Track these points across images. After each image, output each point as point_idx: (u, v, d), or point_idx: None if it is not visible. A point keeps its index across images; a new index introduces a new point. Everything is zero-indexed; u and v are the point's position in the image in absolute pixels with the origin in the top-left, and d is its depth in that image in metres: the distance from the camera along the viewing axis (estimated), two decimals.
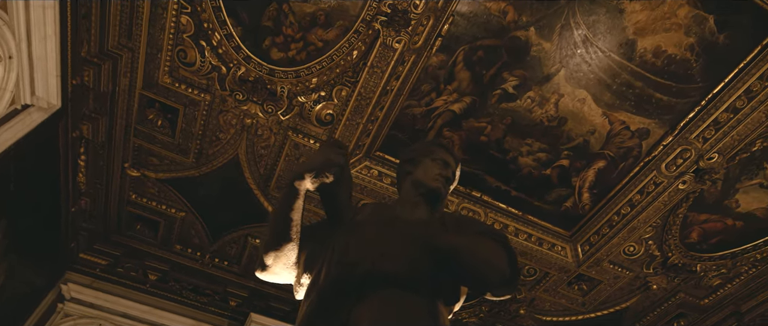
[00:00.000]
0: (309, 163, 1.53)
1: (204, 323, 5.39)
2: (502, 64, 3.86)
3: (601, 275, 5.30)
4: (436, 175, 1.73)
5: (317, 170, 1.49)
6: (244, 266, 5.66)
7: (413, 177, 1.77)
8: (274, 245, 1.53)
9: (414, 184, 1.76)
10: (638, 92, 3.92)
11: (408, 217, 1.64)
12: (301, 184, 1.50)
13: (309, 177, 1.49)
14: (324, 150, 1.59)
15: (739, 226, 4.75)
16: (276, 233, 1.53)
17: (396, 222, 1.60)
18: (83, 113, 4.12)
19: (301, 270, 1.58)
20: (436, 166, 1.76)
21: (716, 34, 3.54)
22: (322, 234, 1.61)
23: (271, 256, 1.54)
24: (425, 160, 1.80)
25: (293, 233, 1.52)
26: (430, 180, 1.72)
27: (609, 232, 4.83)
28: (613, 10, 3.48)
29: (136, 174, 4.74)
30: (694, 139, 4.08)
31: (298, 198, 1.52)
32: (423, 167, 1.77)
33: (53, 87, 3.44)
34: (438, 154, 1.81)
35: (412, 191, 1.75)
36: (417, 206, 1.70)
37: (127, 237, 5.43)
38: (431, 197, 1.73)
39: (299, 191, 1.51)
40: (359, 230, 1.56)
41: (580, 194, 4.72)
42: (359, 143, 4.34)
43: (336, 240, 1.53)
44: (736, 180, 4.36)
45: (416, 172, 1.78)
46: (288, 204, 1.52)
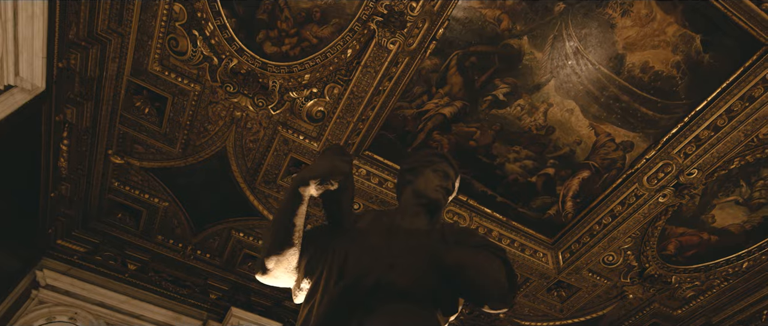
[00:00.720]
0: (314, 170, 1.53)
1: (183, 315, 5.31)
2: (494, 71, 3.91)
3: (580, 283, 5.41)
4: (436, 186, 1.76)
5: (322, 177, 1.49)
6: (226, 259, 5.61)
7: (414, 187, 1.80)
8: (276, 249, 1.53)
9: (415, 194, 1.78)
10: (625, 106, 4.00)
11: (408, 226, 1.67)
12: (306, 190, 1.51)
13: (314, 183, 1.49)
14: (329, 157, 1.60)
15: (714, 241, 4.90)
16: (278, 237, 1.53)
17: (398, 232, 1.62)
18: (68, 97, 4.03)
19: (302, 275, 1.59)
20: (437, 177, 1.79)
21: (702, 54, 3.64)
22: (322, 240, 1.62)
23: (272, 260, 1.54)
24: (426, 170, 1.82)
25: (296, 238, 1.52)
26: (431, 191, 1.75)
27: (590, 241, 4.92)
28: (604, 25, 3.55)
29: (120, 162, 4.66)
30: (675, 154, 4.19)
31: (302, 204, 1.52)
32: (424, 177, 1.79)
33: (38, 68, 3.36)
34: (439, 165, 1.84)
35: (412, 200, 1.78)
36: (417, 215, 1.73)
37: (107, 225, 5.33)
38: (431, 207, 1.76)
39: (303, 197, 1.52)
40: (360, 238, 1.58)
41: (564, 202, 4.80)
42: (349, 142, 4.34)
43: (336, 247, 1.55)
44: (713, 196, 4.49)
45: (417, 182, 1.80)
46: (292, 209, 1.52)
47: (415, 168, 1.86)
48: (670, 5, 3.40)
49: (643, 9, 3.46)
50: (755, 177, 4.31)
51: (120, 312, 5.09)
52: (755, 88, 3.68)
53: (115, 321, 5.06)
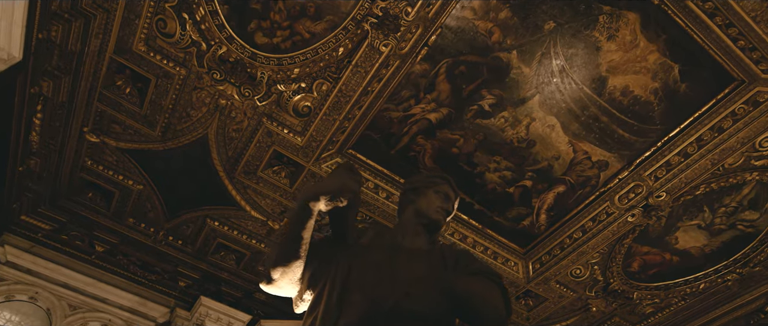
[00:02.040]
0: (325, 186, 1.57)
1: (149, 301, 5.21)
2: (482, 82, 3.98)
3: (548, 293, 5.57)
4: (437, 208, 1.83)
5: (333, 194, 1.54)
6: (198, 247, 5.52)
7: (416, 207, 1.86)
8: (282, 261, 1.57)
9: (417, 213, 1.84)
10: (603, 126, 4.14)
11: (409, 245, 1.72)
12: (316, 205, 1.55)
13: (324, 199, 1.54)
14: (340, 174, 1.64)
15: (675, 261, 5.13)
16: (286, 249, 1.57)
17: (399, 251, 1.67)
18: (45, 69, 3.89)
19: (305, 286, 1.63)
20: (438, 199, 1.86)
21: (679, 83, 3.80)
22: (325, 253, 1.66)
23: (278, 271, 1.58)
24: (429, 191, 1.88)
25: (302, 251, 1.57)
26: (433, 212, 1.82)
27: (560, 254, 5.08)
28: (591, 47, 3.67)
29: (95, 140, 4.52)
30: (647, 176, 4.36)
31: (310, 218, 1.57)
32: (426, 198, 1.86)
33: (16, 38, 3.23)
34: (441, 187, 1.90)
35: (413, 219, 1.84)
36: (418, 234, 1.79)
37: (76, 203, 5.16)
38: (431, 227, 1.83)
39: (313, 211, 1.56)
40: (363, 254, 1.63)
41: (538, 214, 4.93)
42: (333, 139, 4.34)
43: (340, 262, 1.59)
44: (678, 218, 4.70)
45: (419, 202, 1.86)
46: (300, 222, 1.56)
47: (418, 188, 1.92)
48: (653, 34, 3.54)
49: (628, 35, 3.58)
50: (718, 204, 4.54)
51: (84, 294, 4.95)
52: (725, 119, 3.87)
53: (78, 303, 4.91)
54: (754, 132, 3.87)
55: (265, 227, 5.22)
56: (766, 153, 4.02)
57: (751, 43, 3.37)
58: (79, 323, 4.84)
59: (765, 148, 3.97)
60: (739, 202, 4.50)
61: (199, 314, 5.08)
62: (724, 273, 5.12)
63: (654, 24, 3.48)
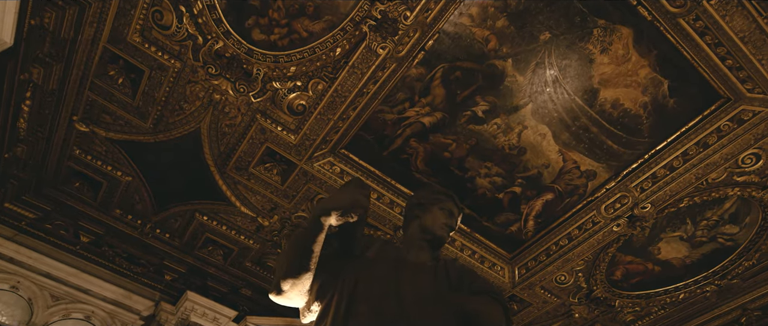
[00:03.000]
0: (336, 201, 1.62)
1: (134, 294, 5.15)
2: (476, 88, 4.02)
3: (532, 298, 5.65)
4: (442, 224, 1.89)
5: (344, 210, 1.59)
6: (186, 241, 5.48)
7: (421, 222, 1.91)
8: (293, 273, 1.60)
9: (422, 229, 1.90)
10: (593, 137, 4.22)
11: (414, 260, 1.78)
12: (327, 220, 1.60)
13: (335, 215, 1.59)
14: (351, 190, 1.68)
15: (657, 271, 5.25)
16: (296, 262, 1.61)
17: (405, 266, 1.71)
18: (36, 56, 3.83)
19: (312, 298, 1.67)
20: (443, 215, 1.92)
21: (667, 98, 3.89)
22: (333, 266, 1.70)
23: (288, 282, 1.61)
24: (434, 207, 1.94)
25: (312, 264, 1.61)
26: (438, 229, 1.88)
27: (545, 260, 5.16)
28: (584, 59, 3.73)
29: (85, 130, 4.46)
30: (633, 187, 4.45)
31: (321, 232, 1.61)
32: (431, 215, 1.91)
33: (9, 24, 3.18)
34: (446, 203, 1.96)
35: (418, 234, 1.90)
36: (422, 249, 1.85)
37: (62, 192, 5.08)
38: (435, 243, 1.88)
39: (324, 226, 1.60)
40: (369, 268, 1.67)
41: (526, 221, 5.00)
42: (327, 138, 4.34)
43: (347, 275, 1.64)
44: (661, 230, 4.81)
45: (424, 218, 1.92)
46: (312, 236, 1.60)
47: (423, 204, 1.97)
48: (645, 49, 3.62)
49: (620, 49, 3.66)
50: (700, 217, 4.65)
51: (67, 285, 4.88)
52: (710, 135, 3.97)
53: (61, 294, 4.84)
54: (738, 149, 3.98)
55: (255, 223, 5.20)
56: (748, 169, 4.13)
57: (738, 62, 3.47)
58: (62, 314, 4.78)
59: (747, 164, 4.08)
60: (721, 216, 4.62)
61: (185, 308, 5.04)
62: (704, 284, 5.25)
63: (646, 39, 3.56)
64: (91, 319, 4.90)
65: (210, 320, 5.14)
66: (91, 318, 4.90)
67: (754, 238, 4.74)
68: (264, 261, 5.71)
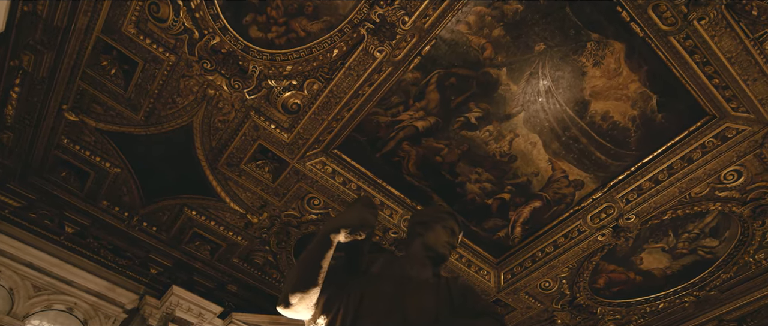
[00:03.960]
0: (346, 219, 1.69)
1: (118, 287, 5.10)
2: (470, 95, 4.07)
3: (516, 303, 5.73)
4: (444, 243, 1.97)
5: (353, 228, 1.67)
6: (173, 235, 5.43)
7: (425, 240, 1.98)
8: (302, 287, 1.66)
9: (425, 246, 1.97)
10: (582, 147, 4.30)
11: (417, 276, 1.84)
12: (336, 237, 1.67)
13: (344, 232, 1.67)
14: (359, 209, 1.75)
15: (639, 281, 5.37)
16: (305, 277, 1.66)
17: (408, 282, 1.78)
18: (28, 43, 3.77)
19: (319, 311, 1.72)
20: (445, 234, 1.99)
21: (655, 113, 3.98)
22: (339, 280, 1.76)
23: (297, 296, 1.66)
24: (437, 226, 2.01)
25: (320, 279, 1.67)
26: (440, 247, 1.95)
27: (531, 266, 5.24)
28: (577, 71, 3.80)
29: (74, 119, 4.40)
30: (619, 198, 4.55)
31: (330, 249, 1.67)
32: (434, 233, 1.98)
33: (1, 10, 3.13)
34: (448, 222, 2.03)
35: (421, 252, 1.96)
36: (424, 266, 1.91)
37: (48, 182, 5.00)
38: (438, 260, 1.96)
39: (333, 243, 1.68)
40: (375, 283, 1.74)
41: (514, 227, 5.07)
42: (320, 138, 4.35)
43: (352, 290, 1.70)
44: (644, 241, 4.92)
45: (427, 236, 1.98)
46: (321, 253, 1.67)
47: (426, 222, 2.04)
48: (636, 65, 3.70)
49: (612, 63, 3.73)
50: (682, 229, 4.77)
51: (50, 276, 4.80)
52: (695, 151, 4.07)
53: (43, 285, 4.77)
54: (721, 165, 4.09)
55: (244, 220, 5.19)
56: (729, 185, 4.25)
57: (724, 81, 3.57)
58: (43, 305, 4.71)
59: (729, 180, 4.20)
60: (702, 229, 4.75)
61: (170, 303, 5.01)
62: (682, 294, 5.38)
63: (637, 55, 3.64)
64: (74, 311, 4.84)
65: (195, 315, 5.11)
66: (74, 310, 4.83)
67: (733, 252, 4.88)
68: (252, 258, 5.69)
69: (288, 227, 5.23)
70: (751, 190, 4.28)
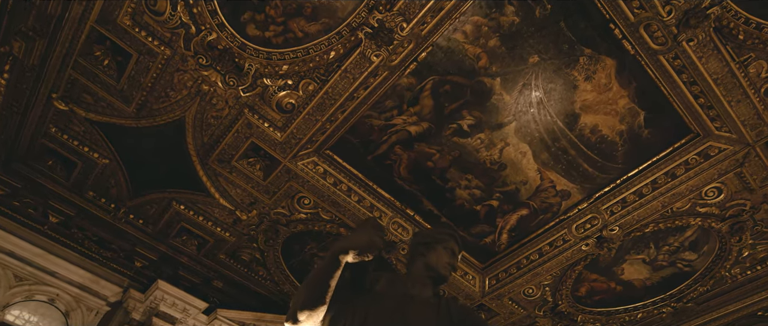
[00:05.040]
0: (354, 241, 1.77)
1: (102, 279, 5.04)
2: (464, 102, 4.12)
3: (500, 308, 5.82)
4: (446, 264, 2.03)
5: (361, 250, 1.74)
6: (160, 229, 5.39)
7: (426, 260, 2.04)
8: (310, 305, 1.73)
9: (426, 266, 2.03)
10: (570, 159, 4.39)
11: (418, 295, 1.92)
12: (344, 258, 1.74)
13: (353, 253, 1.74)
14: (368, 231, 1.81)
15: (619, 290, 5.49)
16: (313, 295, 1.73)
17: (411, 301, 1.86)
18: (19, 29, 3.71)
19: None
20: (446, 255, 2.05)
21: (643, 128, 4.09)
22: (345, 298, 1.82)
23: (305, 313, 1.73)
24: (438, 247, 2.06)
25: (328, 297, 1.74)
26: (441, 268, 2.02)
27: (516, 273, 5.32)
28: (569, 84, 3.88)
29: (63, 108, 4.34)
30: (604, 210, 4.65)
31: (339, 269, 1.74)
32: (436, 254, 2.04)
33: None
34: (449, 243, 2.09)
35: (423, 272, 2.03)
36: (425, 285, 1.99)
37: (33, 170, 4.92)
38: (438, 280, 2.03)
39: (341, 263, 1.74)
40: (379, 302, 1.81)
41: (500, 234, 5.15)
42: (313, 138, 4.36)
43: (357, 307, 1.78)
44: (626, 252, 5.04)
45: (429, 256, 2.05)
46: (330, 272, 1.74)
47: (428, 243, 2.10)
48: (626, 81, 3.79)
49: (603, 79, 3.82)
50: (663, 242, 4.90)
51: (32, 266, 4.73)
52: (678, 167, 4.19)
53: (25, 275, 4.69)
54: (702, 182, 4.21)
55: (232, 216, 5.17)
56: (710, 201, 4.38)
57: (709, 101, 3.68)
58: (24, 295, 4.64)
59: (709, 197, 4.33)
60: (681, 243, 4.88)
61: (155, 297, 4.97)
62: (661, 305, 5.53)
63: (628, 72, 3.73)
64: (55, 302, 4.77)
65: (179, 310, 5.08)
66: (56, 301, 4.77)
67: (710, 266, 5.02)
68: (239, 255, 5.67)
69: (277, 225, 5.23)
70: (730, 207, 4.41)
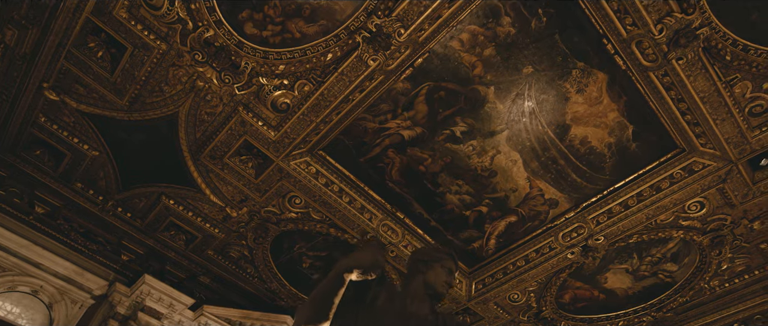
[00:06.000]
0: (359, 260, 1.84)
1: (87, 272, 4.98)
2: (457, 109, 4.17)
3: (485, 312, 5.89)
4: (443, 282, 2.14)
5: (365, 269, 1.81)
6: (148, 223, 5.35)
7: (425, 278, 2.14)
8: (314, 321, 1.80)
9: (426, 285, 2.13)
10: (559, 168, 4.47)
11: (416, 312, 2.01)
12: (349, 276, 1.82)
13: (357, 272, 1.81)
14: (372, 251, 1.88)
15: (602, 298, 5.60)
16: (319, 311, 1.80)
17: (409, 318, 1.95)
18: (12, 17, 3.66)
19: None
20: (444, 274, 2.15)
21: (630, 142, 4.18)
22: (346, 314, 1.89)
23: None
24: (436, 265, 2.16)
25: (331, 314, 1.81)
26: (439, 286, 2.12)
27: (502, 278, 5.40)
28: (561, 96, 3.95)
29: (54, 98, 4.29)
30: (590, 219, 4.74)
31: (343, 287, 1.81)
32: (434, 272, 2.15)
33: None
34: (447, 262, 2.19)
35: (422, 289, 2.13)
36: (423, 302, 2.08)
37: (20, 159, 4.85)
38: (436, 298, 2.12)
39: (346, 281, 1.82)
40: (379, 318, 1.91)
41: (488, 239, 5.22)
42: (306, 139, 4.37)
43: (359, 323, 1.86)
44: (610, 261, 5.15)
45: (428, 274, 2.15)
46: (334, 290, 1.81)
47: (427, 261, 2.19)
48: (616, 95, 3.88)
49: (594, 92, 3.90)
50: (646, 253, 5.01)
51: (16, 256, 4.66)
52: (663, 181, 4.29)
53: (8, 265, 4.62)
54: (686, 196, 4.32)
55: (222, 213, 5.16)
56: (692, 215, 4.50)
57: (695, 118, 3.78)
58: (7, 286, 4.57)
59: (692, 211, 4.45)
60: (664, 254, 5.00)
61: (141, 292, 4.93)
62: (642, 314, 5.65)
63: (618, 86, 3.82)
64: (39, 294, 4.71)
65: (166, 306, 5.05)
66: (39, 292, 4.71)
67: (690, 278, 5.15)
68: (227, 251, 5.66)
69: (267, 223, 5.23)
70: (711, 221, 4.53)
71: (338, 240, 5.28)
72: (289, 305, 6.25)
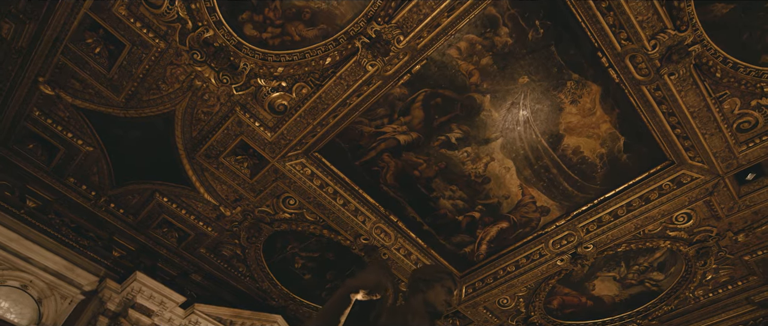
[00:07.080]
0: (365, 281, 1.94)
1: (78, 268, 4.95)
2: (453, 116, 4.22)
3: (475, 316, 5.95)
4: (443, 301, 2.23)
5: (371, 290, 1.91)
6: (141, 219, 5.33)
7: (426, 297, 2.23)
8: None
9: (426, 303, 2.22)
10: (552, 177, 4.54)
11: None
12: (355, 296, 1.91)
13: (363, 292, 1.91)
14: (377, 272, 2.00)
15: (590, 305, 5.69)
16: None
17: None
18: (9, 11, 3.64)
19: None
20: (443, 293, 2.24)
21: (622, 153, 4.26)
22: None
23: None
24: (437, 285, 2.25)
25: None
26: (439, 305, 2.21)
27: (492, 283, 5.46)
28: (555, 106, 4.02)
29: (49, 93, 4.26)
30: (580, 227, 4.82)
31: (349, 306, 1.91)
32: (435, 291, 2.23)
33: None
34: (447, 282, 2.28)
35: (422, 308, 2.21)
36: (423, 319, 2.17)
37: (12, 152, 4.81)
38: (435, 316, 2.20)
39: (352, 301, 1.91)
40: None
41: (480, 244, 5.28)
42: (303, 141, 4.39)
43: None
44: (598, 269, 5.24)
45: (429, 293, 2.23)
46: (340, 309, 1.91)
47: (428, 281, 2.27)
48: (609, 107, 3.95)
49: (588, 103, 3.97)
50: (633, 262, 5.11)
51: (5, 250, 4.62)
52: (652, 192, 4.38)
53: None
54: (674, 207, 4.42)
55: (216, 212, 5.16)
56: (679, 226, 4.60)
57: (685, 132, 3.86)
58: None
59: (680, 222, 4.54)
60: (651, 263, 5.10)
61: (132, 288, 4.92)
62: (628, 321, 5.75)
63: (612, 99, 3.89)
64: (28, 289, 4.68)
65: (156, 303, 5.04)
66: (29, 287, 4.68)
67: (676, 287, 5.26)
68: (219, 250, 5.66)
69: (260, 223, 5.24)
70: (697, 232, 4.63)
71: (331, 241, 5.31)
72: (280, 304, 6.26)
